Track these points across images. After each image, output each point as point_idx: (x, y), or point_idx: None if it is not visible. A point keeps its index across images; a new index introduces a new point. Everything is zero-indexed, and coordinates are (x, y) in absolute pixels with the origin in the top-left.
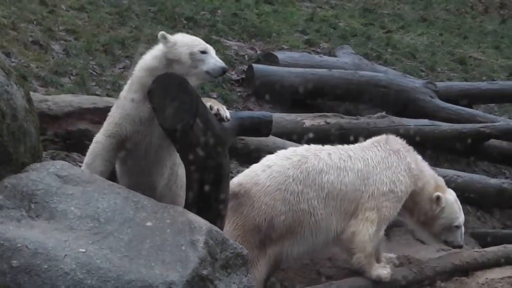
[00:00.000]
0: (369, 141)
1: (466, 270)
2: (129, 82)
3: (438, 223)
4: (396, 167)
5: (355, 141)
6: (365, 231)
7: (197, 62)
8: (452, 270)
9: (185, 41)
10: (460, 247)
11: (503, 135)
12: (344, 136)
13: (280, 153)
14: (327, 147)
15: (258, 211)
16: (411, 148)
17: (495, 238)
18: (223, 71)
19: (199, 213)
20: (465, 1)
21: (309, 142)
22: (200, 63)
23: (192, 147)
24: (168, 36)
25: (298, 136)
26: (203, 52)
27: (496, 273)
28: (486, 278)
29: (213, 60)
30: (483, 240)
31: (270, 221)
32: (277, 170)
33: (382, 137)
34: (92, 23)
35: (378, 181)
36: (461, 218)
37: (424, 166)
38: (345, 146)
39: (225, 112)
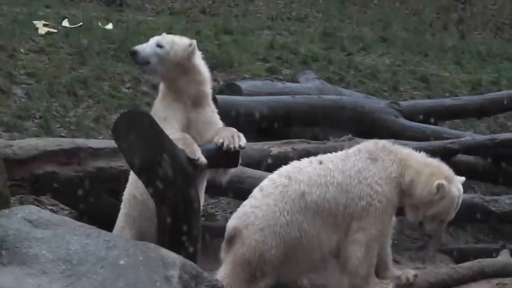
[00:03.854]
0: (353, 148)
1: (443, 287)
2: None
3: (431, 210)
4: (373, 177)
5: None
6: (354, 256)
7: None
8: None
9: None
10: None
11: (469, 150)
12: None
13: (264, 186)
14: (306, 163)
15: (248, 247)
16: (397, 148)
17: (469, 253)
18: (130, 53)
19: (172, 249)
20: (423, 19)
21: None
22: None
23: (160, 182)
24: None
25: (267, 164)
26: None
27: None
28: None
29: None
30: (457, 256)
31: (260, 256)
32: (264, 209)
33: (366, 143)
34: (52, 65)
35: (356, 194)
36: (452, 215)
37: (413, 159)
38: (327, 156)
39: (235, 143)
